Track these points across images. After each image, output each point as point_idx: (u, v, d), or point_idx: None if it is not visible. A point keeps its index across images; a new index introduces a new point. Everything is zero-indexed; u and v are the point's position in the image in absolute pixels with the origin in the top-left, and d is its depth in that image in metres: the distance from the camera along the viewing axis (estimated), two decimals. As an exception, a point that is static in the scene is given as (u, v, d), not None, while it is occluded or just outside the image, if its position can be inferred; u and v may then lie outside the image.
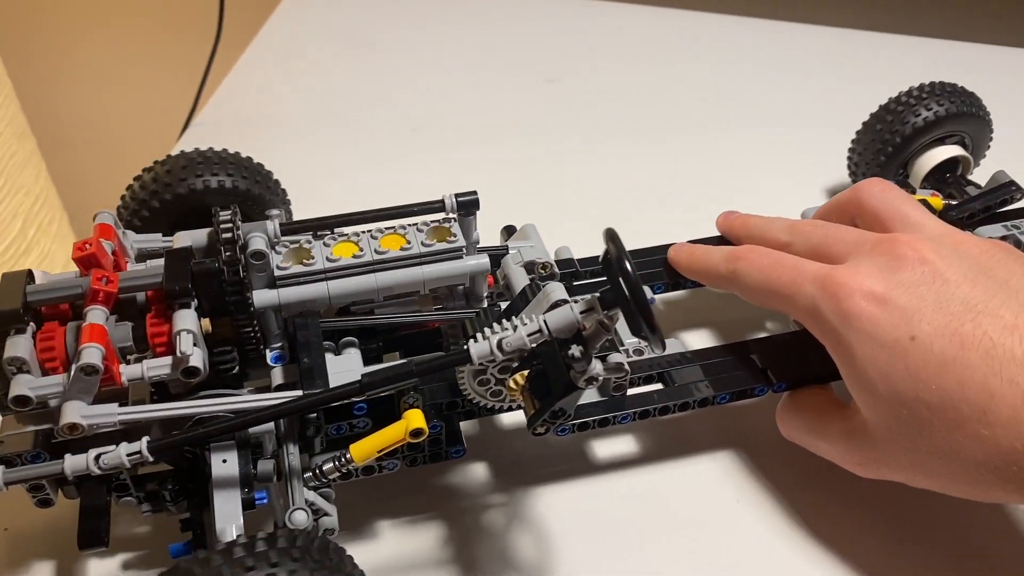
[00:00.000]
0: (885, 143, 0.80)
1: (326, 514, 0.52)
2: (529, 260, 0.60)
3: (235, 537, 0.46)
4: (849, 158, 0.85)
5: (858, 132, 0.83)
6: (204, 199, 0.65)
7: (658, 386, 0.61)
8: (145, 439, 0.47)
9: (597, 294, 0.46)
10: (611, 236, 0.45)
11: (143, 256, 0.57)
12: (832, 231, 0.59)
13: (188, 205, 0.65)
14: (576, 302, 0.47)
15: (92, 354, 0.46)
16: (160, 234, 0.58)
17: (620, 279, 0.44)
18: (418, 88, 1.06)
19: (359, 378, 0.47)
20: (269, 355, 0.55)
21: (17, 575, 0.55)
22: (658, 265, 0.67)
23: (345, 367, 0.54)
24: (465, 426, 0.59)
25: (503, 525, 0.58)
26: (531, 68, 1.09)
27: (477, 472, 0.61)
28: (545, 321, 0.46)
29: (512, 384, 0.51)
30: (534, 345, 0.46)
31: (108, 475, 0.51)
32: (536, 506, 0.59)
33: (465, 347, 0.47)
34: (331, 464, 0.52)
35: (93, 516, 0.51)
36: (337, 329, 0.56)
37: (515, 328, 0.47)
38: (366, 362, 0.56)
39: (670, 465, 0.62)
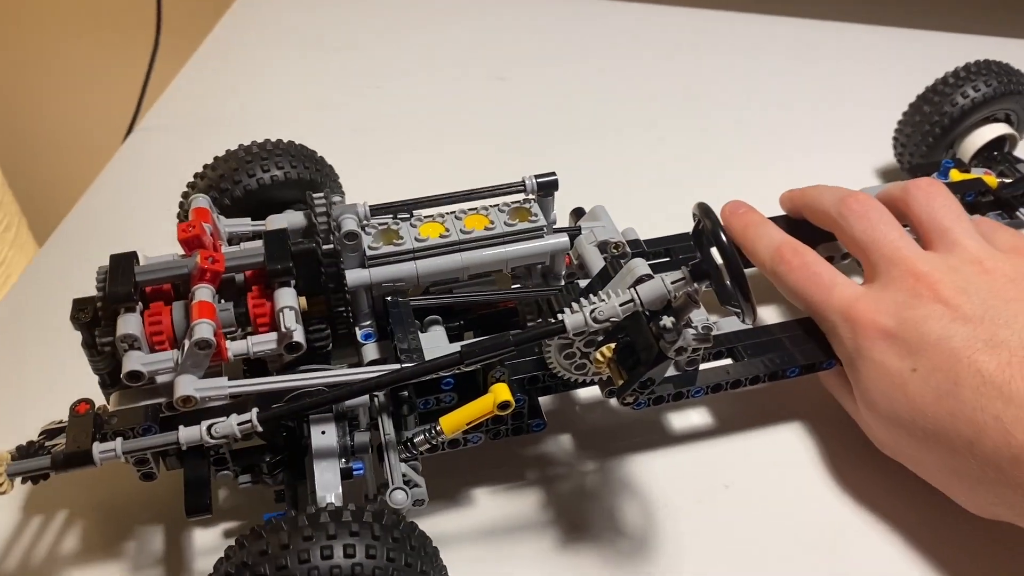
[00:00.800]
0: (933, 124, 0.81)
1: (416, 485, 0.54)
2: (602, 240, 0.62)
3: (335, 503, 0.49)
4: (895, 139, 0.86)
5: (904, 114, 0.85)
6: (268, 192, 0.66)
7: (727, 361, 0.63)
8: (255, 410, 0.49)
9: (687, 266, 0.48)
10: (704, 210, 0.47)
11: (234, 239, 0.59)
12: (876, 233, 0.61)
13: (254, 199, 0.66)
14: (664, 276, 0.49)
15: (205, 329, 0.48)
16: (249, 218, 0.60)
17: (718, 249, 0.45)
18: (368, 89, 1.04)
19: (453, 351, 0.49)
20: (359, 332, 0.57)
21: (123, 544, 0.57)
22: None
23: (432, 344, 0.56)
24: (543, 401, 0.61)
25: (591, 491, 0.60)
26: (483, 65, 1.08)
27: (559, 444, 0.63)
28: (637, 292, 0.48)
29: (599, 357, 0.52)
30: (625, 316, 0.48)
31: (208, 449, 0.54)
32: (619, 474, 0.61)
33: (559, 320, 0.49)
34: (421, 436, 0.54)
35: (197, 486, 0.53)
36: (421, 308, 0.58)
37: (606, 300, 0.49)
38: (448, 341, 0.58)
39: (742, 436, 0.64)
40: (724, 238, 0.45)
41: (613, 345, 0.52)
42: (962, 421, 0.51)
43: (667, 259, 0.71)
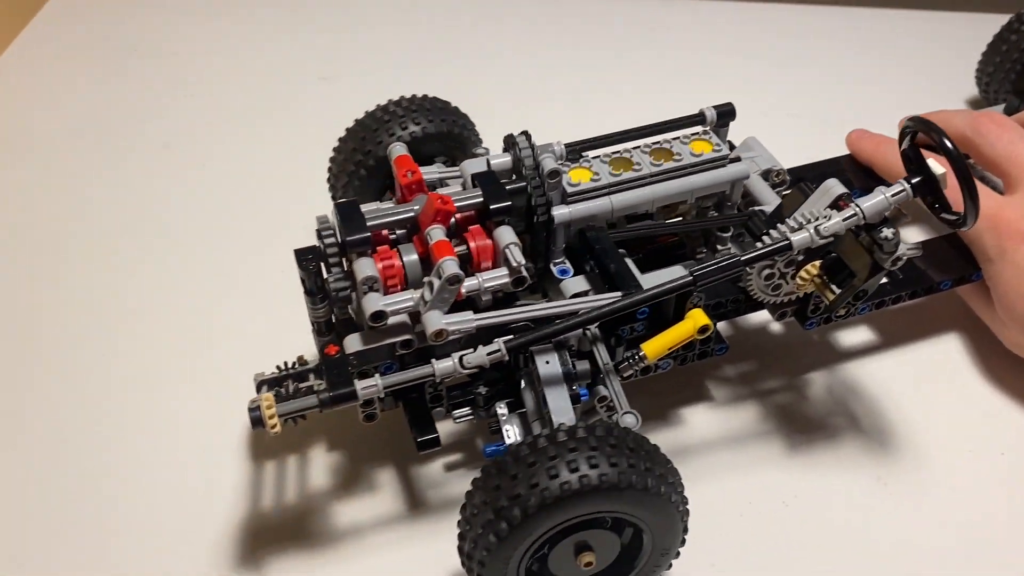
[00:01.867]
0: (1014, 61, 0.84)
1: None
2: (764, 168, 0.65)
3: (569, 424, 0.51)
4: (978, 78, 0.89)
5: (984, 53, 0.88)
6: (413, 148, 0.66)
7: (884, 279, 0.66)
8: (502, 340, 0.51)
9: (905, 181, 0.51)
10: (925, 122, 0.49)
11: (442, 182, 0.60)
12: (1017, 147, 0.64)
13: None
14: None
15: (452, 265, 0.50)
16: (438, 164, 0.62)
17: (947, 156, 0.48)
18: (179, 96, 0.98)
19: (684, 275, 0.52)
20: (555, 268, 0.60)
21: (358, 483, 0.60)
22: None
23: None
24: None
25: (795, 403, 0.64)
26: (305, 66, 1.02)
27: (740, 368, 0.66)
28: (859, 206, 0.51)
29: (804, 275, 0.55)
30: (849, 229, 0.51)
31: (424, 387, 0.56)
32: (814, 386, 0.66)
33: (780, 237, 0.52)
34: (625, 363, 0.57)
35: (423, 422, 0.56)
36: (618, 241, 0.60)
37: (812, 220, 0.52)
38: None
39: (906, 349, 0.68)
40: (951, 145, 0.48)
41: (818, 263, 0.55)
42: None
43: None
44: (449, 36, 1.06)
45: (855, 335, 0.69)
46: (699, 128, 0.62)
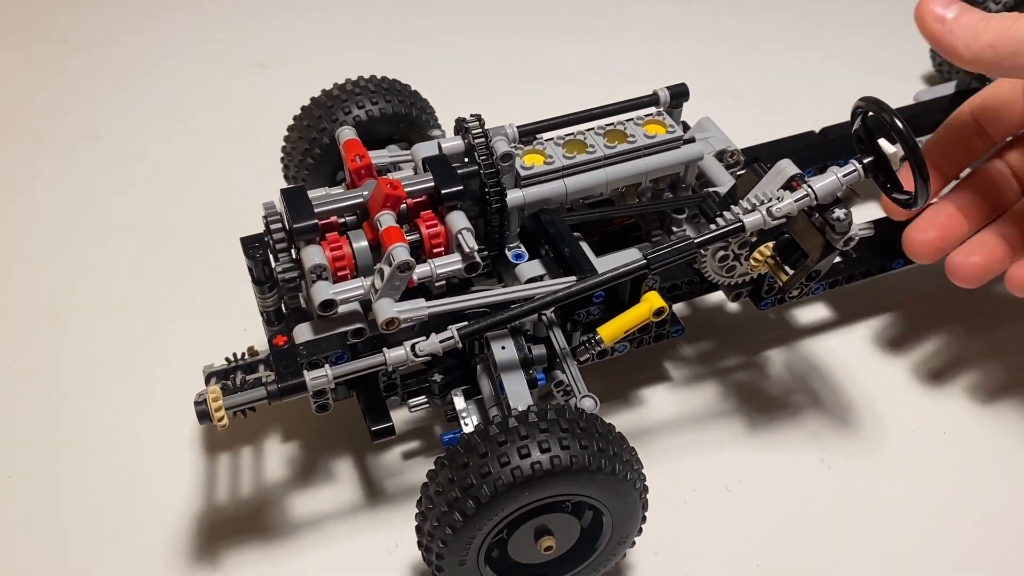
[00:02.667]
0: None
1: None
2: (719, 150, 0.64)
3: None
4: (932, 54, 0.89)
5: None
6: (367, 129, 0.65)
7: (837, 258, 0.66)
8: (455, 327, 0.50)
9: (857, 161, 0.51)
10: (876, 102, 0.49)
11: (394, 166, 0.59)
12: None
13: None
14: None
15: (403, 252, 0.49)
16: (388, 149, 0.60)
17: (898, 136, 0.48)
18: (110, 87, 0.95)
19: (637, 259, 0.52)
20: (510, 253, 0.59)
21: (313, 474, 0.59)
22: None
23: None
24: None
25: (754, 381, 0.65)
26: (241, 53, 0.99)
27: (695, 348, 0.66)
28: (812, 187, 0.51)
29: (758, 256, 0.55)
30: (802, 210, 0.51)
31: (378, 375, 0.56)
32: (772, 364, 0.66)
33: (732, 219, 0.51)
34: (581, 347, 0.57)
35: (377, 411, 0.55)
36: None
37: (765, 201, 0.52)
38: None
39: (857, 327, 0.69)
40: (901, 124, 0.48)
41: (771, 244, 0.55)
42: None
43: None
44: (395, 20, 1.04)
45: (810, 313, 0.70)
46: (653, 109, 0.61)
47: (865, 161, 0.51)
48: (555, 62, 0.97)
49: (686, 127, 0.69)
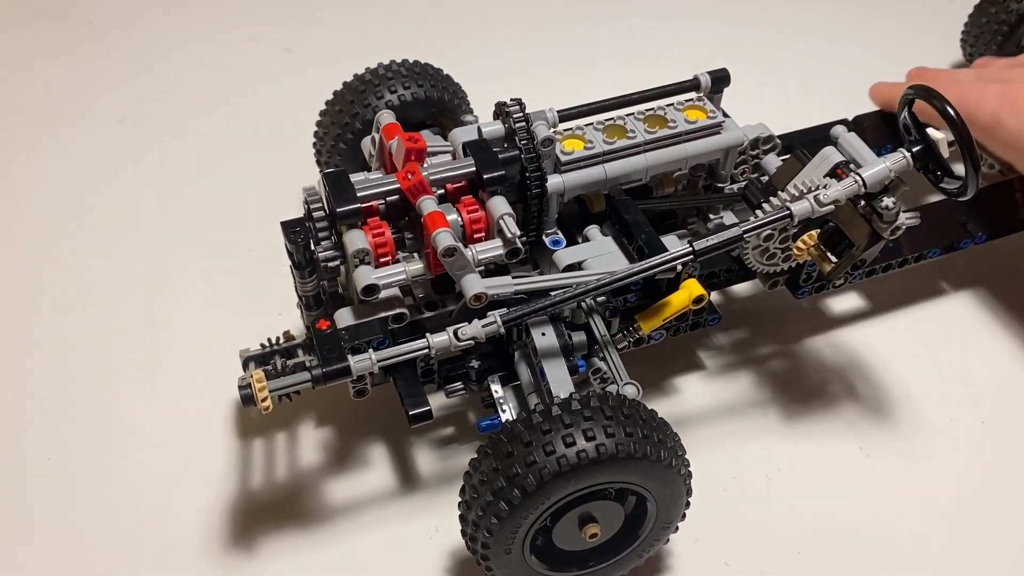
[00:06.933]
0: (1001, 23, 0.84)
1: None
2: (755, 136, 0.64)
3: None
4: (963, 39, 0.88)
5: (970, 16, 0.87)
6: (401, 114, 0.64)
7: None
8: (498, 313, 0.50)
9: (905, 151, 0.50)
10: (927, 90, 0.49)
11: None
12: (1019, 65, 0.64)
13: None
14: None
15: (446, 237, 0.49)
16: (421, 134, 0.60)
17: (951, 125, 0.48)
18: (137, 70, 0.94)
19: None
20: (547, 240, 0.58)
21: (348, 460, 0.59)
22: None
23: (603, 250, 0.57)
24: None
25: (790, 371, 0.64)
26: (267, 37, 0.98)
27: (735, 335, 0.66)
28: (860, 176, 0.50)
29: (801, 244, 0.55)
30: (849, 199, 0.50)
31: (415, 361, 0.55)
32: (808, 353, 0.65)
33: (780, 206, 0.51)
34: (620, 334, 0.56)
35: (415, 395, 0.54)
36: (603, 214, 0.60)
37: (811, 189, 0.51)
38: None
39: (891, 316, 0.68)
40: (954, 112, 0.48)
41: (815, 233, 0.54)
42: None
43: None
44: (423, 2, 1.03)
45: (843, 302, 0.69)
46: (693, 94, 0.61)
47: (914, 150, 0.50)
48: (586, 46, 0.97)
49: (726, 114, 0.69)
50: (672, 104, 0.60)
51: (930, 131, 0.50)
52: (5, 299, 0.70)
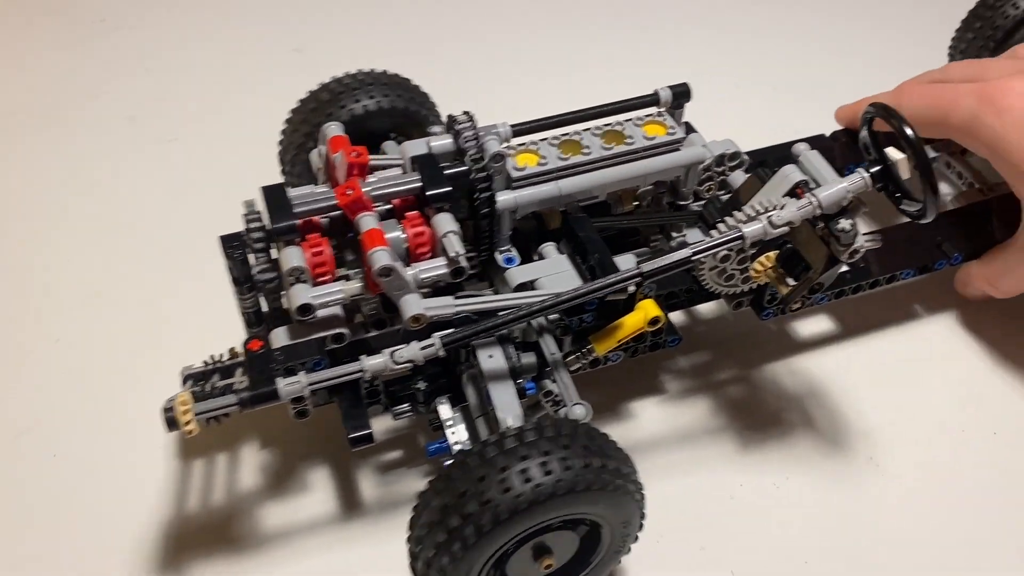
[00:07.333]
0: (987, 39, 0.82)
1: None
2: (720, 153, 0.62)
3: (517, 425, 0.49)
4: (951, 55, 0.86)
5: (957, 31, 0.85)
6: (364, 124, 0.63)
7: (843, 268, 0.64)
8: (438, 334, 0.48)
9: (864, 171, 0.48)
10: (885, 108, 0.47)
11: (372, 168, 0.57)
12: (986, 62, 0.63)
13: (352, 132, 0.64)
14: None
15: (383, 256, 0.47)
16: (385, 146, 0.58)
17: (908, 145, 0.46)
18: (149, 68, 0.94)
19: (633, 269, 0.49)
20: (500, 257, 0.57)
21: (290, 482, 0.57)
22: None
23: (556, 269, 0.55)
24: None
25: (749, 397, 0.62)
26: (277, 37, 0.98)
27: (694, 359, 0.64)
28: (816, 196, 0.48)
29: (758, 266, 0.53)
30: (804, 221, 0.48)
31: (359, 382, 0.53)
32: (769, 378, 0.63)
33: (732, 228, 0.49)
34: (573, 356, 0.54)
35: (357, 417, 0.52)
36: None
37: (769, 209, 0.49)
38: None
39: (865, 338, 0.66)
40: (911, 133, 0.46)
41: (773, 254, 0.52)
42: None
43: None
44: (428, 10, 1.02)
45: (813, 324, 0.67)
46: (653, 109, 0.59)
47: (872, 170, 0.48)
48: (578, 56, 0.95)
49: (690, 128, 0.67)
50: (631, 119, 0.58)
51: (891, 151, 0.48)
52: (14, 295, 0.69)
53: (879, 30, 0.99)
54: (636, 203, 0.62)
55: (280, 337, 0.50)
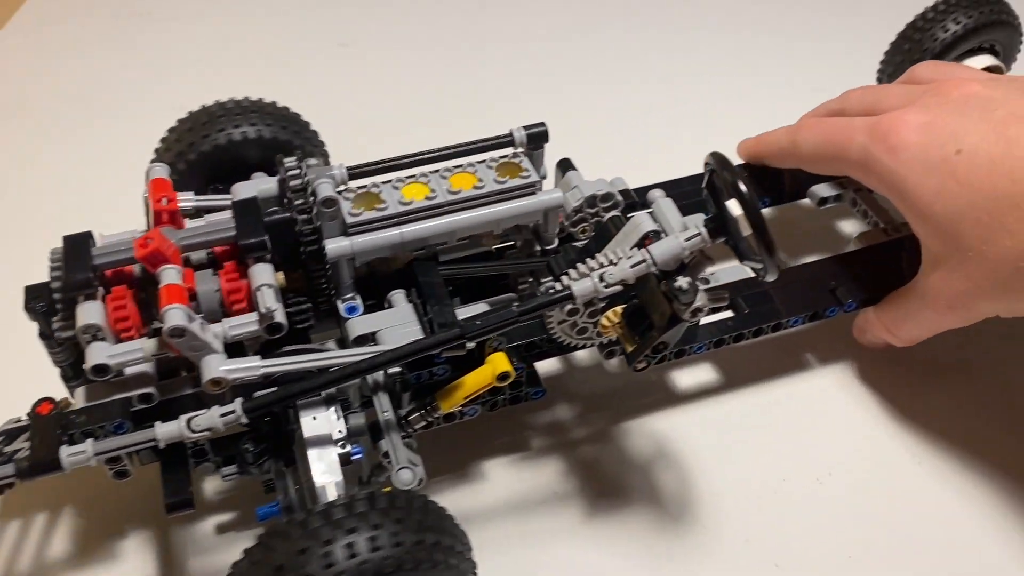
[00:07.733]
0: (924, 52, 0.78)
1: (415, 464, 0.50)
2: (590, 194, 0.58)
3: (336, 496, 0.45)
4: (880, 71, 0.83)
5: (886, 53, 0.81)
6: (240, 151, 0.61)
7: (728, 313, 0.60)
8: (239, 400, 0.45)
9: (702, 223, 0.45)
10: (720, 160, 0.43)
11: (199, 211, 0.53)
12: (882, 90, 0.60)
13: (224, 158, 0.61)
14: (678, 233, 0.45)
15: (176, 316, 0.43)
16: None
17: (738, 200, 0.42)
18: (191, 61, 0.94)
19: (452, 324, 0.46)
20: (342, 306, 0.53)
21: (108, 546, 0.53)
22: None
23: (399, 320, 0.52)
24: (539, 366, 0.58)
25: (608, 457, 0.58)
26: (323, 30, 0.98)
27: (561, 411, 0.60)
28: (650, 252, 0.44)
29: (605, 321, 0.49)
30: (637, 278, 0.45)
31: (182, 444, 0.49)
32: (634, 437, 0.59)
33: (562, 286, 0.46)
34: (417, 414, 0.51)
35: (176, 482, 0.49)
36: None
37: (614, 262, 0.46)
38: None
39: (753, 390, 0.62)
40: (744, 188, 0.42)
41: (620, 308, 0.49)
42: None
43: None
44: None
45: (695, 374, 0.63)
46: (510, 151, 0.55)
47: (709, 225, 0.44)
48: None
49: (568, 166, 0.63)
50: (484, 161, 0.54)
51: (731, 204, 0.44)
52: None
53: (807, 52, 0.95)
54: (511, 244, 0.59)
55: (81, 398, 0.47)
